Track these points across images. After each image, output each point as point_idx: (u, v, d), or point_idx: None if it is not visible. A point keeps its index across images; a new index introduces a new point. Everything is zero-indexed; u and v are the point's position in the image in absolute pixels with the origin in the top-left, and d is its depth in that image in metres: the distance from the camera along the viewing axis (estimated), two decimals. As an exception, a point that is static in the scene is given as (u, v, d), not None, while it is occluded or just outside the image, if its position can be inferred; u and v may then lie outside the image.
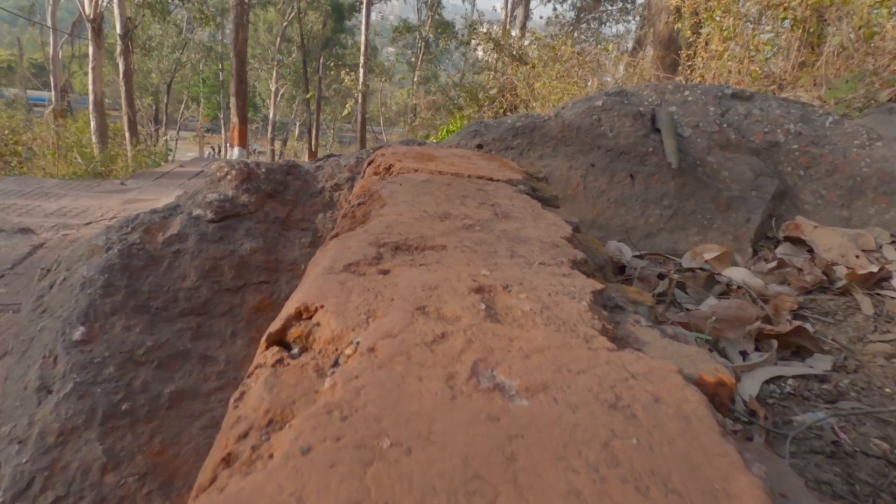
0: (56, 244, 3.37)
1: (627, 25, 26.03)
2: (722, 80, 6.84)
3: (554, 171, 1.42)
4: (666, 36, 8.89)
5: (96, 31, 13.31)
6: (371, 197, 0.83)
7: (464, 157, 1.13)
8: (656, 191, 1.42)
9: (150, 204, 4.76)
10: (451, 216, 0.73)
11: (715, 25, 7.23)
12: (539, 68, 12.80)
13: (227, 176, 1.20)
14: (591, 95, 1.58)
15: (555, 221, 0.77)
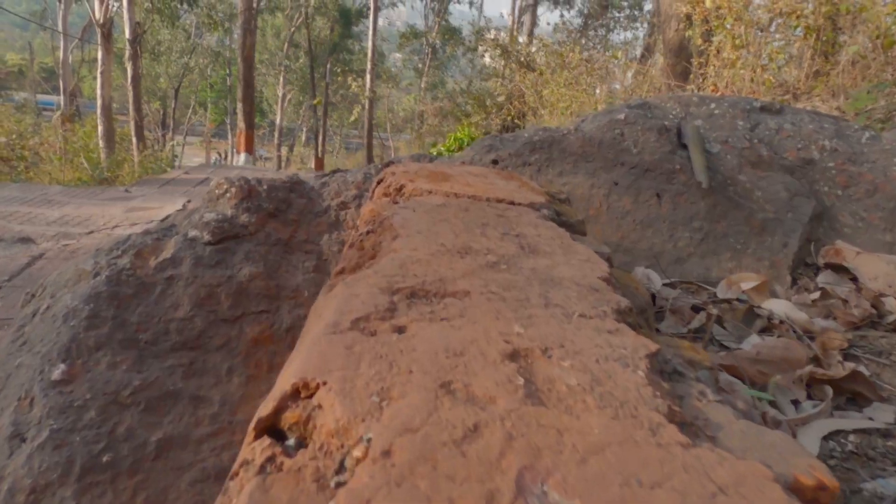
0: (56, 255, 3.30)
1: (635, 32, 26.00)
2: (735, 88, 6.74)
3: (575, 190, 1.33)
4: (676, 43, 8.80)
5: (106, 35, 13.37)
6: (381, 225, 0.74)
7: (480, 175, 1.05)
8: (685, 212, 1.32)
9: (153, 213, 4.70)
10: (471, 251, 0.64)
11: (727, 33, 7.14)
12: (547, 75, 12.75)
13: (227, 193, 1.12)
14: (612, 108, 1.49)
15: (588, 256, 0.68)
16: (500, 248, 0.67)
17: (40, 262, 3.23)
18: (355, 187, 1.25)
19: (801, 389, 0.88)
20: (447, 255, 0.62)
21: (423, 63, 28.54)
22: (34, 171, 9.71)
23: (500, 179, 1.04)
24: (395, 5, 31.32)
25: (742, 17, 7.03)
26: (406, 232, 0.67)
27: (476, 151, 1.37)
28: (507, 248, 0.67)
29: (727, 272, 1.29)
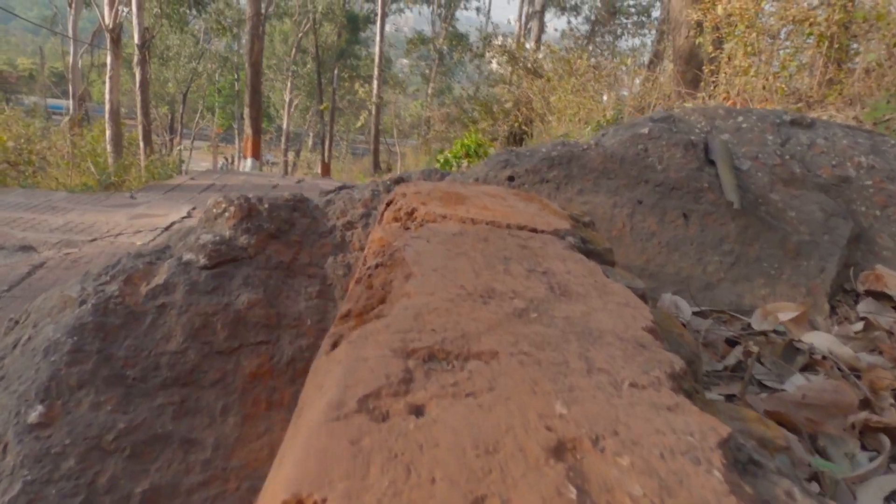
0: (57, 264, 3.25)
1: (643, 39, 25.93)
2: (747, 97, 6.64)
3: (596, 209, 1.25)
4: (686, 51, 8.70)
5: (115, 41, 13.43)
6: (392, 258, 0.66)
7: (498, 197, 0.97)
8: (714, 233, 1.24)
9: (157, 220, 4.65)
10: (495, 293, 0.56)
11: (739, 40, 7.05)
12: (555, 82, 12.69)
13: (225, 213, 1.04)
14: (635, 121, 1.40)
15: (627, 299, 0.60)
16: (528, 289, 0.59)
17: (41, 272, 3.17)
18: (362, 205, 1.18)
19: (854, 438, 0.80)
20: (468, 300, 0.53)
21: (429, 69, 28.58)
22: (42, 175, 9.72)
23: (520, 201, 0.96)
24: (403, 11, 31.42)
25: (754, 24, 6.95)
26: (420, 269, 0.59)
27: (490, 167, 1.29)
28: (535, 289, 0.59)
29: (761, 300, 1.20)
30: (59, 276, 3.17)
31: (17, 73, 29.36)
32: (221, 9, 21.21)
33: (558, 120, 12.40)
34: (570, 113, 11.71)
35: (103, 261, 3.47)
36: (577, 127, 11.25)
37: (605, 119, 9.67)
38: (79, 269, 3.29)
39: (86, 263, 3.34)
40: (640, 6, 26.19)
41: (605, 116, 9.91)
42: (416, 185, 0.97)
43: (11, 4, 49.73)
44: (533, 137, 13.09)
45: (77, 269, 3.27)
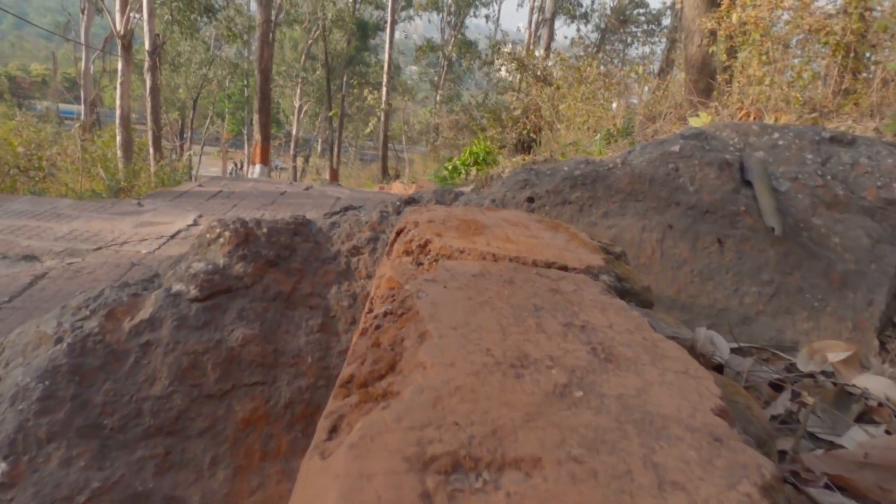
0: (59, 274, 3.18)
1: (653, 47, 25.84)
2: (760, 106, 6.52)
3: (623, 234, 1.15)
4: (699, 59, 8.59)
5: (126, 47, 13.51)
6: (403, 306, 0.57)
7: (519, 225, 0.87)
8: (752, 261, 1.14)
9: (163, 228, 4.60)
10: (529, 361, 0.47)
11: (754, 49, 6.94)
12: (564, 89, 12.62)
13: (220, 239, 0.95)
14: (664, 138, 1.30)
15: (685, 364, 0.50)
16: (566, 353, 0.49)
17: (43, 282, 3.11)
18: (369, 228, 1.08)
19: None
20: (497, 372, 0.44)
21: (438, 76, 28.62)
22: (51, 180, 9.75)
23: (545, 230, 0.86)
24: (412, 19, 31.55)
25: (769, 33, 6.84)
26: (437, 327, 0.50)
27: (508, 188, 1.20)
28: (575, 352, 0.49)
29: (803, 335, 1.09)
30: (61, 287, 3.10)
31: (31, 79, 29.68)
32: (232, 15, 21.36)
33: (567, 128, 12.33)
34: (579, 121, 11.64)
35: (107, 271, 3.40)
36: (587, 135, 11.18)
37: (614, 127, 9.59)
38: (81, 279, 3.23)
39: (88, 274, 3.28)
40: (649, 14, 26.16)
41: (615, 125, 9.83)
42: (429, 211, 0.87)
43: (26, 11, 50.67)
44: (541, 145, 13.02)
45: (79, 280, 3.20)
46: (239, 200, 6.50)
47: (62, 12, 21.42)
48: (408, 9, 28.94)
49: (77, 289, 3.05)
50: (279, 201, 6.75)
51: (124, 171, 11.17)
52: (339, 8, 23.50)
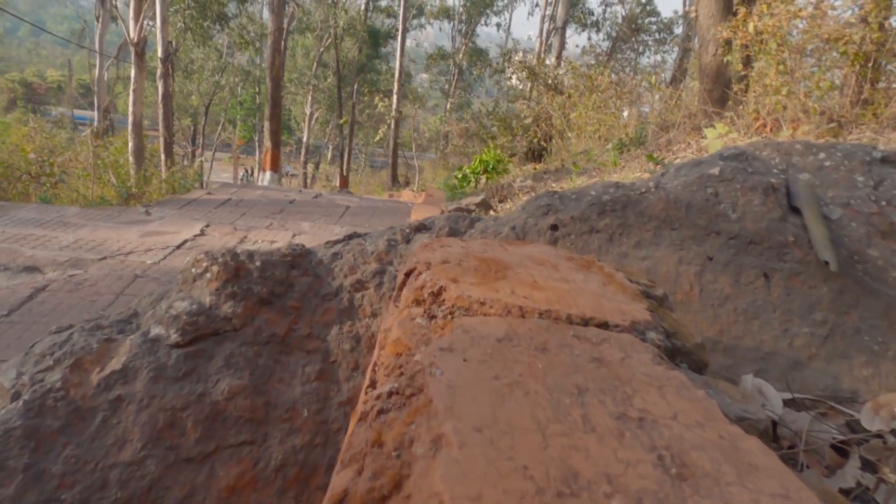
0: (60, 286, 3.11)
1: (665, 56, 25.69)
2: (778, 116, 6.37)
3: (657, 266, 1.03)
4: (714, 68, 8.45)
5: (139, 54, 13.60)
6: (413, 383, 0.46)
7: (546, 264, 0.76)
8: (802, 299, 1.01)
9: (169, 237, 4.53)
10: (579, 485, 0.35)
11: (771, 58, 6.80)
12: (575, 98, 12.53)
13: (206, 274, 0.85)
14: (702, 159, 1.18)
15: (782, 485, 0.38)
16: (627, 467, 0.37)
17: (43, 295, 3.03)
18: (375, 260, 0.97)
19: None
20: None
21: (449, 84, 28.64)
22: (62, 186, 9.78)
23: (575, 271, 0.74)
24: (423, 27, 31.66)
25: (786, 42, 6.70)
26: (456, 428, 0.38)
27: (529, 213, 1.08)
28: (638, 465, 0.37)
29: (862, 382, 0.97)
30: (62, 301, 3.02)
31: (47, 85, 30.02)
32: (244, 23, 21.50)
33: (578, 137, 12.24)
34: (590, 130, 11.54)
35: (108, 283, 3.33)
36: (598, 144, 11.06)
37: (626, 137, 9.46)
38: (82, 292, 3.15)
39: (90, 286, 3.20)
40: (660, 24, 26.06)
41: (627, 134, 9.70)
42: (442, 247, 0.76)
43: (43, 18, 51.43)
44: (552, 154, 12.93)
45: (80, 293, 3.12)
46: (247, 209, 6.44)
47: (78, 20, 21.68)
48: (419, 17, 29.05)
49: (77, 302, 2.97)
50: (288, 209, 6.69)
51: (135, 178, 11.22)
52: (350, 16, 23.62)
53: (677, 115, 9.13)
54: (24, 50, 48.22)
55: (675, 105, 9.60)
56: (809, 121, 6.10)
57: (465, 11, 28.65)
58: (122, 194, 8.95)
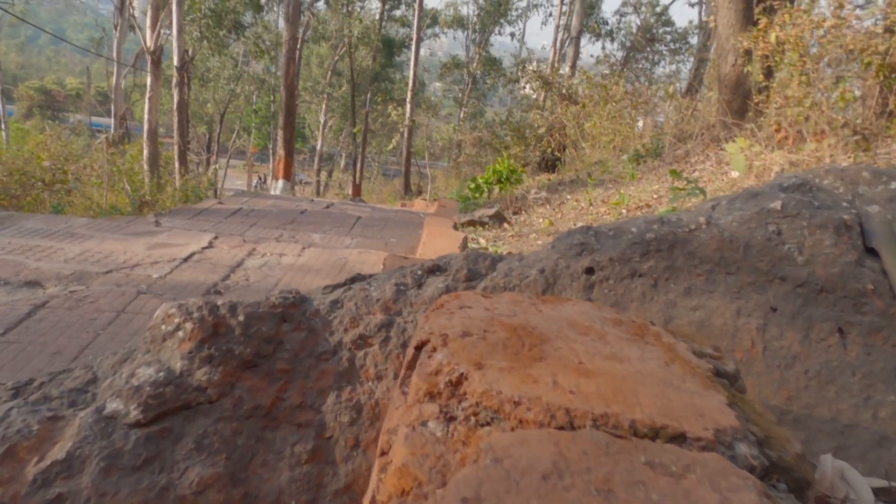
0: (60, 303, 3.01)
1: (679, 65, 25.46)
2: (804, 128, 6.17)
3: (711, 318, 0.87)
4: (733, 79, 8.26)
5: (155, 62, 13.71)
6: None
7: (590, 331, 0.61)
8: (886, 359, 0.85)
9: (177, 250, 4.44)
10: None
11: (794, 69, 6.61)
12: (590, 108, 12.40)
13: (179, 332, 0.70)
14: (758, 189, 1.02)
15: None
16: None
17: (42, 312, 2.93)
18: (382, 309, 0.83)
19: None
20: None
21: (462, 93, 28.65)
22: (76, 194, 9.81)
23: (628, 342, 0.59)
24: (437, 36, 31.77)
25: (808, 52, 6.52)
26: None
27: (561, 253, 0.93)
28: None
29: (965, 466, 0.80)
30: (61, 318, 2.92)
31: (65, 93, 30.50)
32: (260, 32, 21.68)
33: (592, 147, 12.11)
34: (604, 140, 11.40)
35: (110, 300, 3.22)
36: (612, 154, 10.90)
37: (643, 147, 9.29)
38: (82, 309, 3.05)
39: (91, 303, 3.10)
40: (675, 33, 25.90)
41: (643, 145, 9.53)
42: (461, 309, 0.61)
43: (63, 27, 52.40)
44: (566, 164, 12.80)
45: (80, 311, 3.02)
46: (258, 219, 6.36)
47: (97, 28, 22.01)
48: (433, 26, 29.16)
49: (77, 320, 2.87)
50: (298, 220, 6.59)
51: (149, 185, 11.26)
52: (365, 25, 23.73)
53: (694, 126, 8.94)
54: (43, 58, 49.18)
55: (692, 115, 9.41)
56: (834, 133, 5.91)
57: (480, 21, 28.71)
58: (134, 203, 8.94)
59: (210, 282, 3.81)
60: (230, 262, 4.24)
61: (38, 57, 49.61)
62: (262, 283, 3.89)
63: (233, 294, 3.67)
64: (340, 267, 4.33)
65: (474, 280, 0.86)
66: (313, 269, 4.23)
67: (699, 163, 7.44)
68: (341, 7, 24.08)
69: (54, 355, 2.55)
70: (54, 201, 9.07)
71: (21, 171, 9.44)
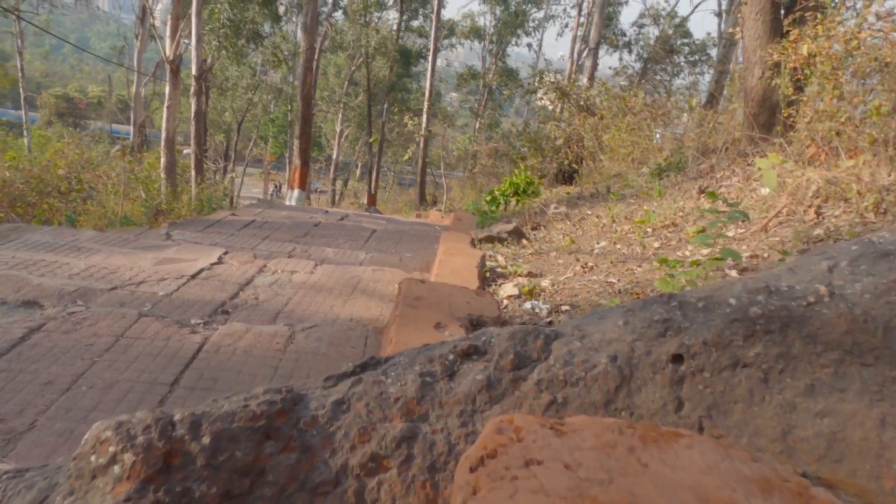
0: (57, 326, 2.83)
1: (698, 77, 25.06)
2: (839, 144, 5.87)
3: (845, 430, 0.64)
4: (760, 92, 7.95)
5: (174, 71, 13.75)
6: None
7: (722, 484, 0.38)
8: None
9: (185, 266, 4.27)
10: None
11: (827, 81, 6.30)
12: (608, 119, 12.17)
13: (114, 467, 0.49)
14: (887, 244, 0.79)
15: None
16: None
17: (37, 336, 2.75)
18: (401, 414, 0.60)
19: None
20: None
21: (478, 103, 28.57)
22: (91, 203, 9.78)
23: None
24: (454, 47, 31.80)
25: (841, 66, 6.23)
26: None
27: (637, 333, 0.71)
28: None
29: None
30: (56, 343, 2.74)
31: (87, 100, 30.92)
32: (278, 42, 21.81)
33: (610, 159, 11.86)
34: (623, 152, 11.15)
35: (109, 323, 3.04)
36: (631, 167, 10.63)
37: (665, 161, 8.97)
38: (79, 333, 2.87)
39: (89, 326, 2.93)
40: (693, 45, 25.57)
41: (665, 158, 9.23)
42: (527, 470, 0.39)
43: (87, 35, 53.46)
44: (583, 176, 12.57)
45: (77, 335, 2.84)
46: (270, 231, 6.20)
47: (119, 38, 22.32)
48: (450, 37, 29.18)
49: (73, 346, 2.69)
50: (312, 233, 6.42)
51: (165, 194, 11.24)
52: (382, 36, 23.79)
53: (716, 140, 8.64)
54: (67, 66, 50.15)
55: (713, 128, 9.11)
56: (870, 149, 5.61)
57: (496, 32, 28.68)
58: (147, 214, 8.87)
59: (217, 300, 3.63)
60: (239, 279, 4.06)
61: (63, 65, 50.60)
62: (271, 302, 3.69)
63: (241, 314, 3.48)
64: (353, 286, 4.13)
65: (523, 368, 0.65)
66: (325, 288, 4.02)
67: (725, 178, 7.14)
68: (359, 17, 24.18)
69: (46, 385, 2.37)
70: (69, 210, 9.04)
71: (38, 178, 9.45)
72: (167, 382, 2.44)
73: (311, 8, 14.25)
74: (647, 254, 4.26)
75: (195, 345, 2.77)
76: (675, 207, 5.59)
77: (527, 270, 4.22)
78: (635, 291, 3.23)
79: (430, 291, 2.93)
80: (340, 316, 3.43)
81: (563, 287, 3.77)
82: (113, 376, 2.44)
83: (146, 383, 2.42)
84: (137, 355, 2.65)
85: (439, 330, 2.59)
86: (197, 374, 2.54)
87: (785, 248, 3.56)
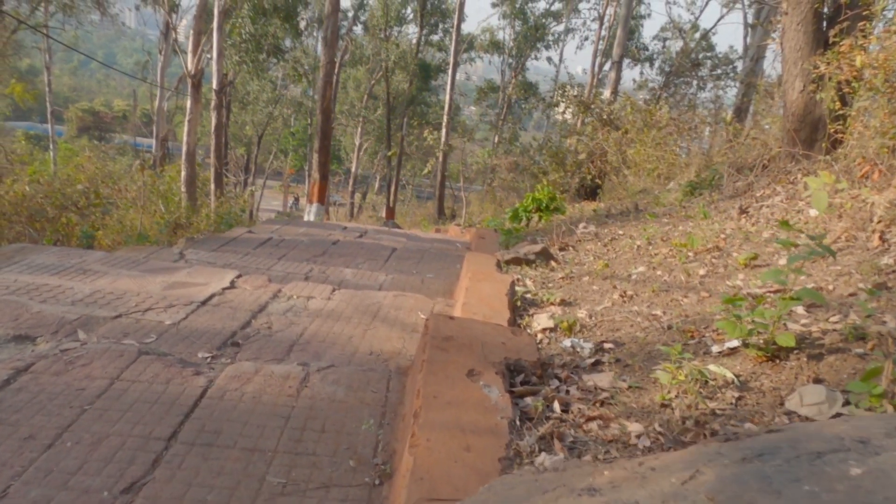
0: (47, 367, 2.56)
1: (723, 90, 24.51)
2: (890, 162, 5.42)
3: None
4: (801, 106, 7.48)
5: (196, 86, 13.74)
6: None
7: None
8: None
9: (195, 290, 3.99)
10: None
11: (881, 95, 5.84)
12: (633, 134, 11.73)
13: None
14: None
15: None
16: None
17: (23, 379, 2.47)
18: None
19: None
20: None
21: (498, 117, 28.36)
22: (109, 218, 9.64)
23: None
24: (473, 60, 31.70)
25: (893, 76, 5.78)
26: None
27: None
28: None
29: None
30: (43, 387, 2.46)
31: (113, 114, 31.49)
32: (298, 56, 21.89)
33: (635, 174, 11.40)
34: (648, 167, 10.69)
35: (104, 364, 2.74)
36: (657, 183, 10.18)
37: (696, 177, 8.49)
38: (70, 376, 2.58)
39: (82, 367, 2.64)
40: (716, 58, 25.00)
41: (697, 175, 8.73)
42: None
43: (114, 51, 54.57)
44: (606, 192, 12.16)
45: (67, 378, 2.56)
46: (287, 251, 5.92)
47: (144, 53, 22.64)
48: (469, 51, 29.07)
49: (62, 391, 2.40)
50: (330, 251, 6.14)
51: (185, 208, 11.10)
52: (402, 50, 23.74)
53: (748, 156, 8.18)
54: (94, 81, 51.41)
55: (745, 144, 8.66)
56: (925, 167, 5.16)
57: (516, 45, 28.49)
58: (163, 230, 8.70)
59: (228, 330, 3.32)
60: (252, 305, 3.75)
61: (90, 80, 51.89)
62: (285, 332, 3.37)
63: (252, 346, 3.17)
64: (373, 314, 3.80)
65: None
66: (343, 316, 3.69)
67: (766, 197, 6.64)
68: (379, 32, 24.21)
69: (26, 441, 2.07)
70: (86, 225, 8.92)
71: (59, 192, 9.35)
72: (164, 437, 2.14)
73: (332, 23, 14.19)
74: (693, 282, 3.86)
75: (198, 389, 2.47)
76: (716, 229, 5.17)
77: (559, 298, 3.85)
78: (688, 329, 2.85)
79: (460, 330, 2.62)
80: (359, 349, 3.10)
81: (603, 319, 3.39)
82: (103, 429, 2.15)
83: (140, 437, 2.12)
84: (133, 402, 2.36)
85: (473, 378, 2.27)
86: (198, 426, 2.23)
87: (853, 279, 3.15)
